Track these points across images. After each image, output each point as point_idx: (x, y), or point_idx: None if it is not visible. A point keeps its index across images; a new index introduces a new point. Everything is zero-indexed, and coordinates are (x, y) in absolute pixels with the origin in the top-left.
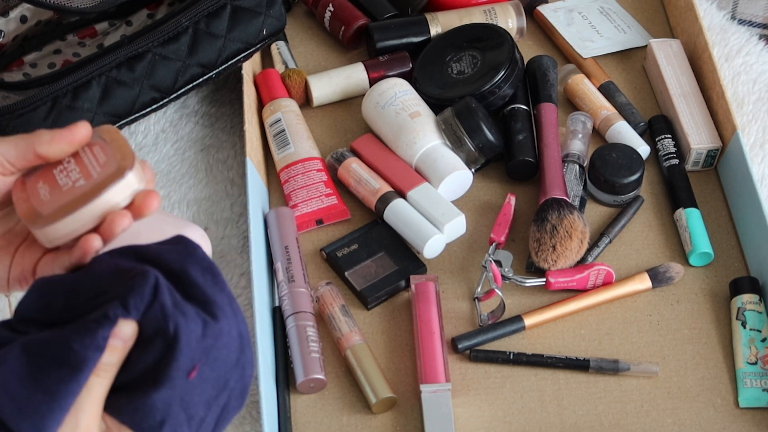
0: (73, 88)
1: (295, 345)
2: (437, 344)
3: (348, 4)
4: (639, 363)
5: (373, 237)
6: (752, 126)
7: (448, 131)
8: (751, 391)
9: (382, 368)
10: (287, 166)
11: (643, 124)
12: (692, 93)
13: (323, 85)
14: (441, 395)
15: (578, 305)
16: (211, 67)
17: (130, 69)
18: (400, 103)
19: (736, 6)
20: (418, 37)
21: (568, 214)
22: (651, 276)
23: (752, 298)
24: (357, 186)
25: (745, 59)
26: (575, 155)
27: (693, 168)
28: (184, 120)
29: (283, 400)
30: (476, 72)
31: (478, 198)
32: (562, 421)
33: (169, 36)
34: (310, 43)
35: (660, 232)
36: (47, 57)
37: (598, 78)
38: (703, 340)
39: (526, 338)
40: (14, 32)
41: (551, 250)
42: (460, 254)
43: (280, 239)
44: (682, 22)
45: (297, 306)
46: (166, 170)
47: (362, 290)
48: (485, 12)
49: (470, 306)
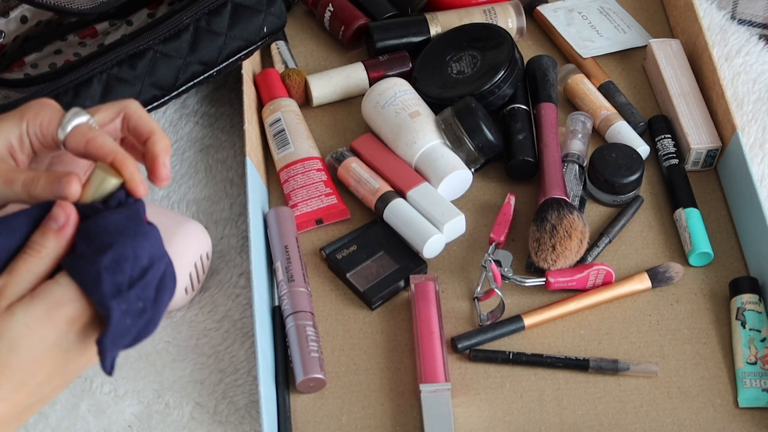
0: (74, 85)
1: (294, 344)
2: (437, 344)
3: (348, 4)
4: (638, 363)
5: (371, 237)
6: (752, 126)
7: (447, 131)
8: (750, 391)
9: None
10: (287, 165)
11: (642, 124)
12: (692, 93)
13: (323, 85)
14: (440, 395)
15: (578, 305)
16: (212, 65)
17: (131, 66)
18: (399, 102)
19: (736, 6)
20: (418, 37)
21: (567, 214)
22: (651, 276)
23: (752, 298)
24: (357, 186)
25: (745, 59)
26: (575, 155)
27: (693, 168)
28: (184, 120)
29: (283, 399)
30: (476, 72)
31: (477, 198)
32: (561, 421)
33: (170, 33)
34: (309, 42)
35: (660, 232)
36: (48, 57)
37: (597, 78)
38: (703, 340)
39: (526, 338)
40: (15, 33)
41: (551, 249)
42: (459, 254)
43: (279, 239)
44: (681, 22)
45: (296, 305)
46: None
47: (365, 291)
48: (485, 12)
49: (470, 306)
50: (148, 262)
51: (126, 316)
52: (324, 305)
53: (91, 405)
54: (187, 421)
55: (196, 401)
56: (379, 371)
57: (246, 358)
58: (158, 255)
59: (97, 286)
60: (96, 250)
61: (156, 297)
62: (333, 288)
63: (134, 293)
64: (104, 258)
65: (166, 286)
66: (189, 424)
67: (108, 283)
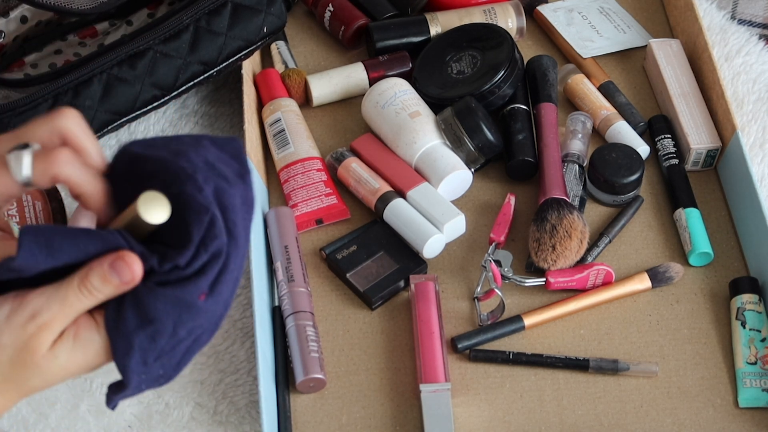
0: (75, 85)
1: (294, 344)
2: (437, 344)
3: (348, 4)
4: (638, 363)
5: (371, 237)
6: (752, 126)
7: (447, 131)
8: (750, 391)
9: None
10: (287, 165)
11: (642, 124)
12: (692, 93)
13: (323, 85)
14: (440, 395)
15: (578, 305)
16: (212, 65)
17: (131, 66)
18: (399, 102)
19: (736, 6)
20: (418, 37)
21: (567, 214)
22: (651, 276)
23: (752, 298)
24: (357, 186)
25: (745, 59)
26: (575, 155)
27: (693, 168)
28: (184, 120)
29: (283, 399)
30: (476, 72)
31: (477, 198)
32: (561, 421)
33: (170, 33)
34: (309, 42)
35: (660, 232)
36: (48, 57)
37: (597, 78)
38: (703, 340)
39: (526, 338)
40: (14, 33)
41: (551, 249)
42: (459, 254)
43: (279, 239)
44: (681, 22)
45: (296, 305)
46: None
47: (365, 291)
48: (485, 12)
49: (470, 306)
50: (185, 334)
51: (141, 384)
52: (324, 305)
53: (91, 405)
54: (187, 421)
55: (196, 401)
56: (379, 371)
57: (246, 358)
58: (198, 329)
59: (125, 359)
60: (138, 320)
61: (181, 360)
62: (333, 288)
63: (159, 364)
64: (142, 334)
65: (201, 344)
66: (189, 424)
67: (136, 360)
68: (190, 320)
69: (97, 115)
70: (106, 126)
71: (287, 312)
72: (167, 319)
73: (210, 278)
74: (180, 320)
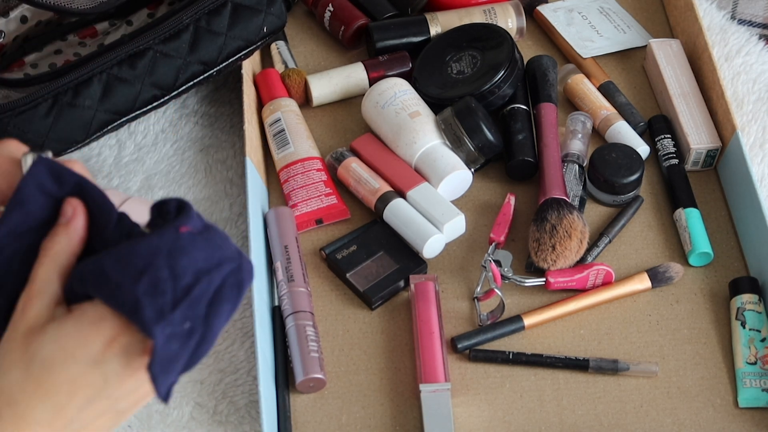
0: (74, 85)
1: (294, 344)
2: (437, 344)
3: (348, 4)
4: (638, 363)
5: (371, 237)
6: (752, 126)
7: (447, 131)
8: (750, 391)
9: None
10: (287, 165)
11: (642, 124)
12: (692, 93)
13: (323, 85)
14: (440, 395)
15: (578, 305)
16: (212, 65)
17: (131, 66)
18: (399, 102)
19: (736, 6)
20: (418, 37)
21: (567, 214)
22: (650, 276)
23: (752, 298)
24: (357, 185)
25: (745, 59)
26: (575, 155)
27: (693, 168)
28: (184, 120)
29: (283, 399)
30: (476, 72)
31: (477, 198)
32: (561, 421)
33: (170, 33)
34: (309, 42)
35: (660, 232)
36: (48, 57)
37: (597, 78)
38: (703, 340)
39: (526, 338)
40: (14, 33)
41: (551, 249)
42: (459, 254)
43: (279, 239)
44: (681, 22)
45: (296, 305)
46: (165, 170)
47: (365, 291)
48: (485, 12)
49: (470, 306)
50: (192, 278)
51: (172, 341)
52: (324, 305)
53: None
54: (187, 421)
55: (196, 401)
56: (379, 371)
57: (246, 358)
58: (207, 267)
59: (138, 312)
60: (131, 278)
61: (208, 312)
62: (333, 288)
63: (179, 314)
64: (140, 285)
65: (224, 297)
66: (189, 424)
67: (148, 308)
68: (183, 257)
69: (96, 114)
70: (105, 126)
71: (287, 312)
72: (157, 262)
73: (187, 216)
74: (173, 261)
